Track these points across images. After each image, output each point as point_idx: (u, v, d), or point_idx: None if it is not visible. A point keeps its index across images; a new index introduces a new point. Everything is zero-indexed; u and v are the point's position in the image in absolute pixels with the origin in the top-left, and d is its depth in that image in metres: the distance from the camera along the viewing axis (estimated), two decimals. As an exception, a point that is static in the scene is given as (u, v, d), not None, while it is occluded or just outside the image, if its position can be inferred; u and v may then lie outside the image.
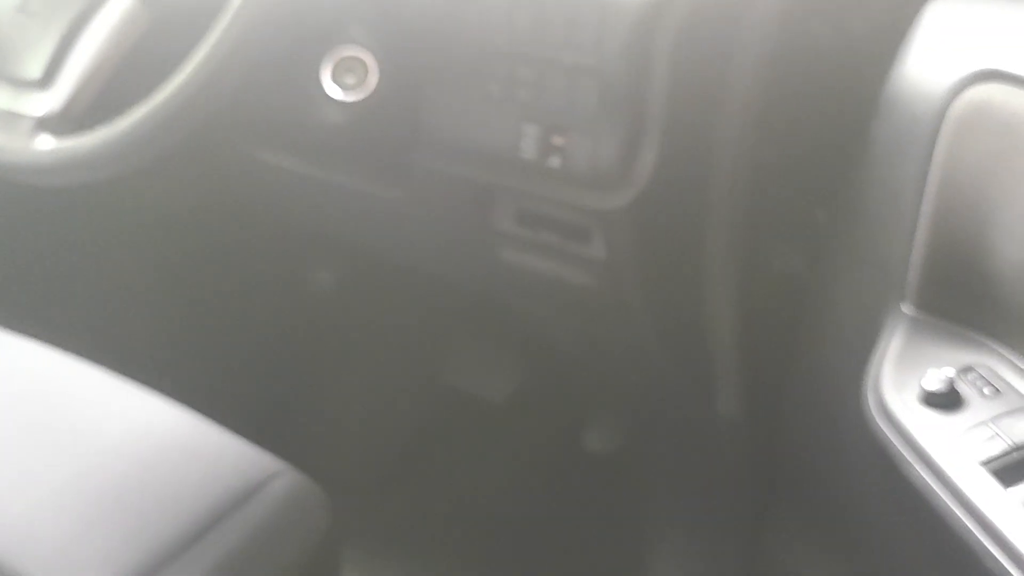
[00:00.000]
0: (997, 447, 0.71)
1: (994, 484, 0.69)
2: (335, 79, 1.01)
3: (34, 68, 0.91)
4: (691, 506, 1.22)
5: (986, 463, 0.70)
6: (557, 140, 0.97)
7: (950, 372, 0.75)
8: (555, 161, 0.97)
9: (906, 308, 0.82)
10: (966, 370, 0.77)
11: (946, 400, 0.74)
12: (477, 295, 1.20)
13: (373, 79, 1.01)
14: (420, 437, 1.42)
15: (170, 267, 1.32)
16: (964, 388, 0.75)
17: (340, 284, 1.39)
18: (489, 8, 0.98)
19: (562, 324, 1.17)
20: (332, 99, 1.01)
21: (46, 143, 0.90)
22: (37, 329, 1.00)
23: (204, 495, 0.86)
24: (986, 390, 0.75)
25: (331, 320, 1.40)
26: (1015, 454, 0.70)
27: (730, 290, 1.03)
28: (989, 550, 0.67)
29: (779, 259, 1.05)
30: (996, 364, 0.77)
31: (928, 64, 0.80)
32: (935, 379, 0.75)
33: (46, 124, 0.91)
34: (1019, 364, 0.76)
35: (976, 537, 0.68)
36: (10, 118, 0.93)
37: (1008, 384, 0.75)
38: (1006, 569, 0.66)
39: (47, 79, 0.91)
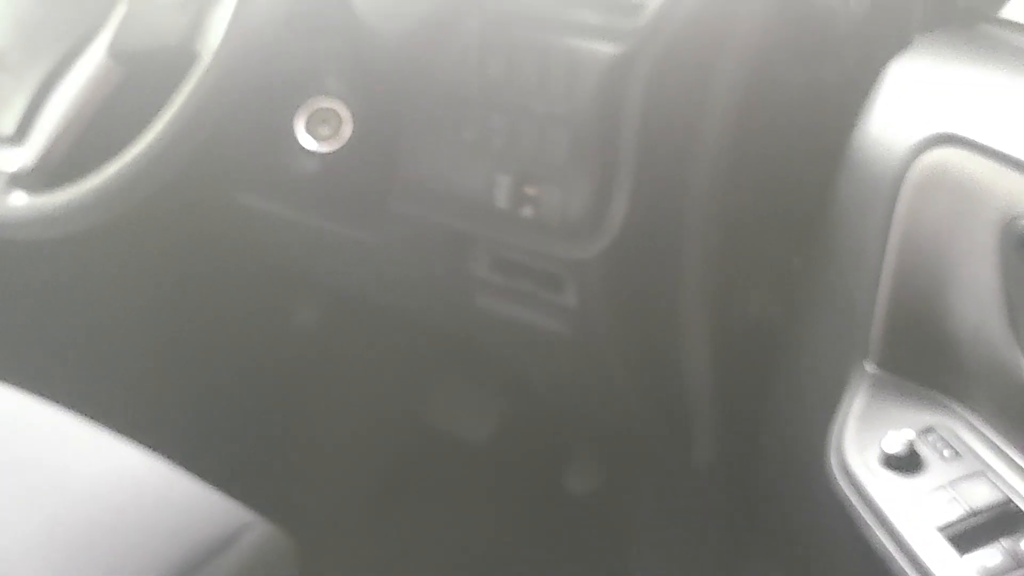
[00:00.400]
0: (955, 512, 0.71)
1: (950, 551, 0.69)
2: (309, 130, 1.02)
3: (7, 123, 0.92)
4: (667, 549, 1.22)
5: (943, 528, 0.70)
6: (530, 190, 0.97)
7: (910, 435, 0.75)
8: (528, 211, 0.97)
9: (869, 366, 0.82)
10: (926, 431, 0.77)
11: (906, 463, 0.75)
12: (454, 338, 1.20)
13: (347, 129, 1.01)
14: (399, 478, 1.42)
15: (144, 312, 1.33)
16: (924, 450, 0.75)
17: (318, 326, 1.39)
18: (462, 56, 0.98)
19: (538, 368, 1.17)
20: (306, 150, 1.01)
21: (19, 199, 0.91)
22: (10, 374, 1.01)
23: (173, 547, 0.86)
24: (946, 452, 0.75)
25: (309, 364, 1.41)
26: (972, 519, 0.70)
27: (704, 337, 1.03)
28: (944, 618, 0.67)
29: (754, 306, 1.05)
30: (956, 425, 0.77)
31: (890, 124, 0.81)
32: (896, 442, 0.75)
33: (19, 180, 0.91)
34: (978, 426, 0.76)
35: (932, 605, 0.68)
36: (-18, 174, 0.93)
37: (967, 446, 0.75)
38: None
39: (20, 134, 0.91)
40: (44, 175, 0.91)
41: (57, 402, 0.98)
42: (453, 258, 1.05)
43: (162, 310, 1.33)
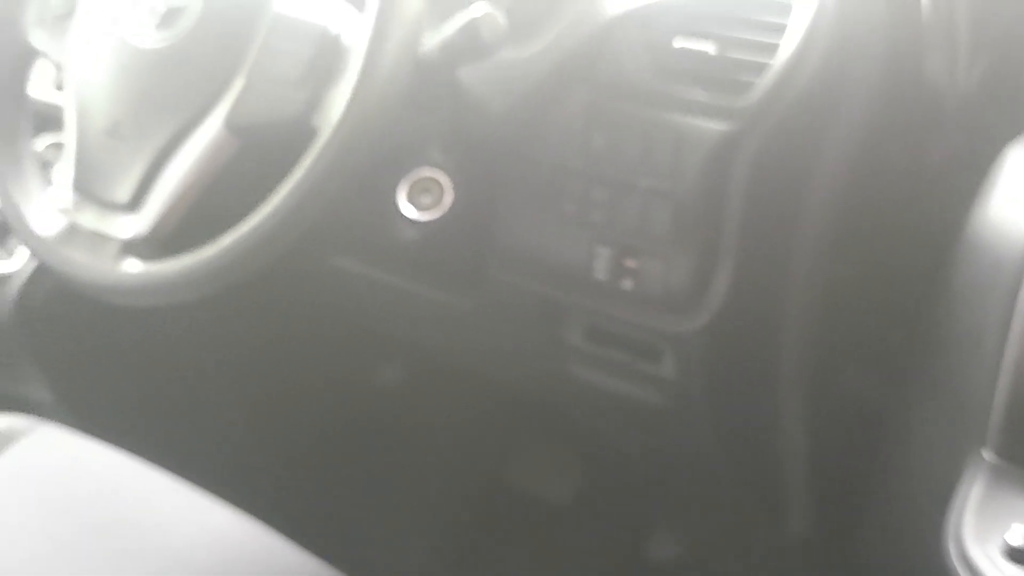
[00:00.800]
0: (1085, 612, 0.70)
1: (1083, 655, 0.68)
2: (411, 199, 1.03)
3: (123, 191, 0.93)
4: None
5: (1075, 630, 0.69)
6: (630, 263, 0.97)
7: (1035, 528, 0.75)
8: (627, 283, 0.98)
9: (987, 454, 0.81)
10: (1051, 524, 0.76)
11: (1032, 557, 0.74)
12: (544, 403, 1.20)
13: (448, 199, 1.02)
14: (482, 540, 1.41)
15: (235, 370, 1.34)
16: (1050, 545, 0.74)
17: (407, 387, 1.40)
18: (566, 130, 0.99)
19: (630, 437, 1.17)
20: (407, 218, 1.02)
21: (133, 266, 0.92)
22: (107, 432, 1.02)
23: None
24: (1072, 548, 0.74)
25: (395, 425, 1.41)
26: (1104, 621, 0.69)
27: (801, 411, 1.03)
28: None
29: (852, 381, 1.04)
30: (1082, 520, 0.76)
31: (1011, 210, 0.80)
32: (1020, 535, 0.74)
33: (132, 247, 0.92)
34: (1105, 523, 0.75)
35: None
36: (97, 239, 0.94)
37: (1095, 543, 0.74)
38: None
39: (135, 202, 0.92)
40: (158, 243, 0.92)
41: (151, 461, 0.98)
42: (547, 326, 1.05)
43: (252, 369, 1.34)
